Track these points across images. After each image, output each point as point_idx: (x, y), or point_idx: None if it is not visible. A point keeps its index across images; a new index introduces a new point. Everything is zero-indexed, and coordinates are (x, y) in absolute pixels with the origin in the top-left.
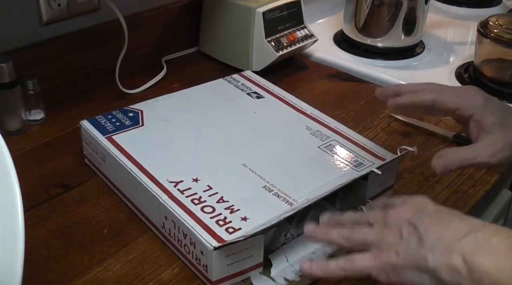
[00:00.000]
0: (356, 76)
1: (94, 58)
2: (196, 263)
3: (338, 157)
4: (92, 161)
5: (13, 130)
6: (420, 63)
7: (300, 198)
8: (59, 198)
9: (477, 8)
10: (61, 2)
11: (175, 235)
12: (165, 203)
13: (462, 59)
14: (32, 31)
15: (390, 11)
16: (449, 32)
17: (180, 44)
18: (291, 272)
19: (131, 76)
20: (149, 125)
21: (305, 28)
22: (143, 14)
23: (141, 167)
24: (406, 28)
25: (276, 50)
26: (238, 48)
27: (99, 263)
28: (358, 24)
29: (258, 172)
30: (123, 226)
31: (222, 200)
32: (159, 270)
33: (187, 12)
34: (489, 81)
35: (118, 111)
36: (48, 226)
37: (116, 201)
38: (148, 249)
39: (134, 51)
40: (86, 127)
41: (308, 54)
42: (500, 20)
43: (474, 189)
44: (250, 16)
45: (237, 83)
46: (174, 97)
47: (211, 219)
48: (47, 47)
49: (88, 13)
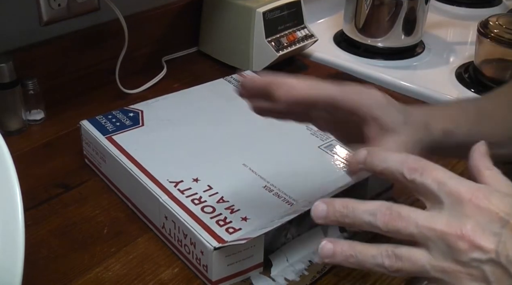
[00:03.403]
0: (356, 76)
1: (94, 58)
2: (196, 263)
3: (338, 157)
4: (92, 161)
5: (13, 130)
6: (420, 63)
7: (300, 198)
8: (59, 198)
9: (477, 8)
10: (61, 2)
11: (175, 235)
12: (165, 203)
13: (462, 59)
14: (32, 31)
15: (390, 11)
16: (449, 32)
17: (180, 44)
18: (291, 272)
19: (131, 76)
20: (149, 125)
21: (305, 28)
22: (143, 14)
23: (141, 167)
24: (406, 28)
25: (276, 50)
26: (238, 48)
27: (99, 263)
28: (358, 24)
29: (258, 172)
30: (123, 226)
31: (222, 200)
32: (159, 270)
33: (187, 12)
34: (489, 81)
35: (118, 111)
36: (48, 226)
37: (116, 201)
38: (148, 249)
39: (134, 51)
40: (86, 127)
41: (308, 54)
42: (500, 20)
43: None
44: (250, 16)
45: (237, 83)
46: (174, 97)
47: (211, 219)
48: (47, 47)
49: (88, 13)
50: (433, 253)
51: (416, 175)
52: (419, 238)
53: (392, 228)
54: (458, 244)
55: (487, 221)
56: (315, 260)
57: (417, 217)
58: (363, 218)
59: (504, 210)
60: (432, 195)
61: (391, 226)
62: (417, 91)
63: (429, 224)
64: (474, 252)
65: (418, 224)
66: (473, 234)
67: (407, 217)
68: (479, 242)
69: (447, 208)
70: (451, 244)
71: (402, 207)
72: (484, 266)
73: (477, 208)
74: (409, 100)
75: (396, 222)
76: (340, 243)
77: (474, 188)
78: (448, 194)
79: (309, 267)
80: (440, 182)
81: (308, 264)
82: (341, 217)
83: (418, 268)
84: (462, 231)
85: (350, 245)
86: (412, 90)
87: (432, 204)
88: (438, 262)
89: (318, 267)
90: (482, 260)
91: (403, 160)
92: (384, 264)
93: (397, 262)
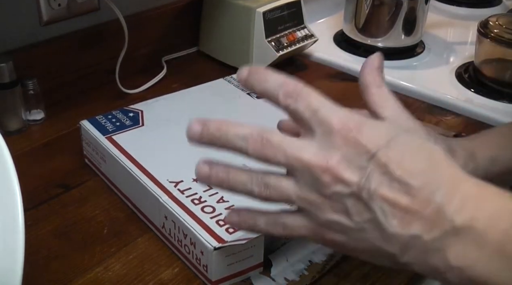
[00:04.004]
0: (356, 76)
1: (94, 58)
2: (196, 263)
3: None
4: (92, 161)
5: (13, 130)
6: (420, 63)
7: None
8: (59, 198)
9: (477, 8)
10: (61, 2)
11: (175, 235)
12: (165, 203)
13: (462, 59)
14: (32, 31)
15: (390, 11)
16: (449, 32)
17: (180, 44)
18: (291, 272)
19: (131, 76)
20: (149, 125)
21: (305, 28)
22: (143, 14)
23: (141, 167)
24: (406, 28)
25: (276, 50)
26: (238, 48)
27: (99, 263)
28: (358, 24)
29: None
30: (123, 226)
31: (222, 200)
32: (159, 270)
33: (187, 12)
34: (489, 81)
35: (118, 111)
36: (48, 226)
37: (116, 201)
38: (148, 249)
39: (134, 51)
40: (86, 127)
41: (308, 54)
42: (500, 20)
43: None
44: (250, 16)
45: (237, 83)
46: (174, 97)
47: (211, 219)
48: (47, 47)
49: (88, 13)
50: (299, 183)
51: (291, 100)
52: (287, 167)
53: (262, 156)
54: (322, 176)
55: (354, 153)
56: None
57: (287, 146)
58: (235, 142)
59: (374, 142)
60: (305, 123)
61: (261, 154)
62: (417, 91)
63: (297, 154)
64: (337, 185)
65: (287, 153)
66: (337, 167)
67: (277, 146)
68: (343, 176)
69: (318, 138)
70: (316, 176)
71: (274, 134)
72: (346, 199)
73: (345, 139)
74: (409, 100)
75: (266, 150)
76: (216, 166)
77: (346, 118)
78: (319, 123)
79: (309, 267)
80: (313, 110)
81: (308, 264)
82: (214, 139)
83: (284, 198)
84: (328, 163)
85: (225, 168)
86: (412, 90)
87: (305, 132)
88: (303, 193)
89: (318, 267)
90: (344, 194)
91: (282, 83)
92: (254, 191)
93: (266, 190)
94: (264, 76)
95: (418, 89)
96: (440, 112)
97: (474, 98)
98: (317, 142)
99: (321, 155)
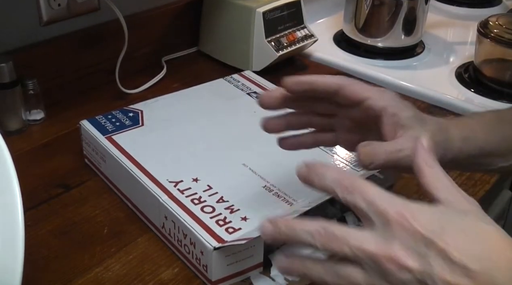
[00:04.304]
0: (356, 76)
1: (94, 58)
2: (196, 263)
3: (338, 157)
4: (92, 161)
5: (13, 130)
6: (420, 63)
7: (300, 198)
8: (59, 198)
9: (477, 8)
10: (61, 2)
11: (175, 235)
12: (165, 203)
13: (462, 59)
14: (32, 31)
15: (390, 11)
16: (449, 32)
17: (180, 44)
18: None
19: (131, 76)
20: (149, 125)
21: (305, 28)
22: (143, 14)
23: (141, 167)
24: (406, 28)
25: (276, 50)
26: (238, 48)
27: (99, 263)
28: (358, 24)
29: (258, 172)
30: (123, 226)
31: (222, 200)
32: (159, 270)
33: (187, 12)
34: (489, 81)
35: (118, 111)
36: (48, 226)
37: (116, 201)
38: (148, 249)
39: (134, 51)
40: (86, 127)
41: (308, 54)
42: (500, 20)
43: (474, 189)
44: (250, 16)
45: (237, 83)
46: (174, 97)
47: (211, 219)
48: (47, 47)
49: (88, 13)
50: (368, 273)
51: (348, 195)
52: (353, 258)
53: (329, 248)
54: (387, 265)
55: (413, 241)
56: None
57: (350, 238)
58: (303, 238)
59: (430, 229)
60: (364, 215)
61: (328, 247)
62: (417, 91)
63: (361, 245)
64: (402, 273)
65: (350, 245)
66: (399, 255)
67: (341, 238)
68: (405, 263)
69: (378, 228)
70: (381, 265)
71: (337, 227)
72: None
73: (402, 228)
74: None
75: (331, 243)
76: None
77: (401, 207)
78: (377, 214)
79: None
80: (369, 202)
81: None
82: (285, 236)
83: None
84: (390, 252)
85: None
86: (412, 90)
87: (366, 223)
88: (373, 281)
89: None
90: (410, 280)
91: (339, 179)
92: (328, 281)
93: (338, 280)
94: (322, 172)
95: (418, 89)
96: (440, 112)
97: (474, 98)
98: (378, 232)
99: (383, 244)
